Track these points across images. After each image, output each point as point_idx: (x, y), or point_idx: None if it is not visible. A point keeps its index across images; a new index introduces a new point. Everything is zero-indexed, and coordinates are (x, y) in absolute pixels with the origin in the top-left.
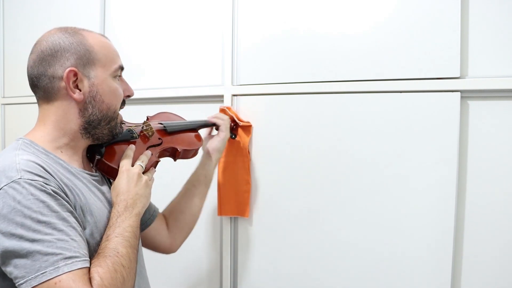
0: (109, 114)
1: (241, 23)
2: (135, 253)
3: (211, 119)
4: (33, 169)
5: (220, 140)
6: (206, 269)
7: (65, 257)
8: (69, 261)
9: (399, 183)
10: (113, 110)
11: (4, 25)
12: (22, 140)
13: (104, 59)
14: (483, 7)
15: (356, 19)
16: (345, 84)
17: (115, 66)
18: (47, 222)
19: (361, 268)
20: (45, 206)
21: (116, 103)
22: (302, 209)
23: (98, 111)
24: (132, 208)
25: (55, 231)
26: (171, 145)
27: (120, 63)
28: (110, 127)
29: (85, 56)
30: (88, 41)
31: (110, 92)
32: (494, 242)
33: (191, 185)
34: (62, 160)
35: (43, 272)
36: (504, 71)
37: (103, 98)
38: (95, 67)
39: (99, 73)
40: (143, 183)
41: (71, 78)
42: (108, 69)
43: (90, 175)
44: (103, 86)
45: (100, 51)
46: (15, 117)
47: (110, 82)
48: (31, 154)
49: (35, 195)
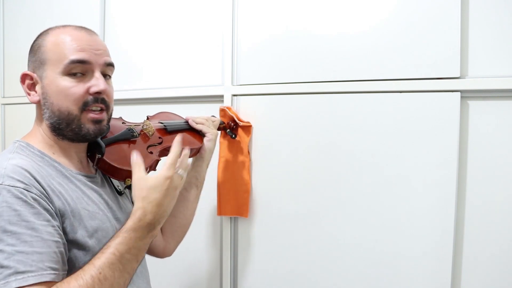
0: (62, 117)
1: (241, 23)
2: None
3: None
4: (18, 174)
5: (209, 140)
6: (206, 269)
7: (17, 271)
8: (19, 276)
9: (399, 183)
10: (66, 112)
11: (4, 25)
12: (19, 142)
13: (54, 57)
14: (483, 7)
15: (356, 19)
16: (345, 84)
17: (65, 62)
18: (13, 231)
19: (361, 268)
20: (16, 215)
21: (68, 104)
22: (302, 209)
23: (52, 113)
24: (153, 228)
25: (18, 242)
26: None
27: (73, 57)
28: (72, 130)
29: (39, 58)
30: (46, 40)
31: (58, 92)
32: (494, 242)
33: (183, 188)
34: (57, 163)
35: None
36: (504, 71)
37: (52, 99)
38: (46, 67)
39: (48, 74)
40: (175, 197)
41: (27, 81)
42: (58, 67)
43: (87, 177)
44: (51, 86)
45: (51, 49)
46: (15, 117)
47: (58, 81)
48: (24, 157)
49: (8, 203)
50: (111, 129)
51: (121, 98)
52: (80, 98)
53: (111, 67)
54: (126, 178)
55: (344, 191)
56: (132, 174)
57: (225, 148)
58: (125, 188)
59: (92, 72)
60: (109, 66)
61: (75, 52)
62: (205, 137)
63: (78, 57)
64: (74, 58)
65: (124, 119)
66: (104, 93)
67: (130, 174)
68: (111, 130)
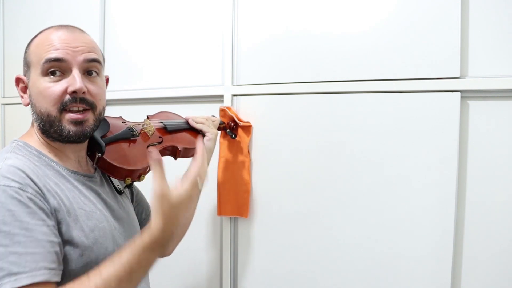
0: (43, 118)
1: (241, 23)
2: None
3: (195, 126)
4: (13, 174)
5: (209, 140)
6: (206, 269)
7: (11, 273)
8: (13, 277)
9: (399, 183)
10: (46, 114)
11: (4, 25)
12: (17, 142)
13: (35, 59)
14: (483, 7)
15: (356, 19)
16: (345, 84)
17: (41, 62)
18: (6, 232)
19: (361, 268)
20: (10, 215)
21: (46, 106)
22: (302, 209)
23: (36, 115)
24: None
25: (11, 242)
26: (171, 144)
27: (47, 56)
28: (55, 131)
29: (26, 61)
30: (31, 44)
31: (38, 93)
32: (494, 242)
33: None
34: (54, 162)
35: None
36: (504, 71)
37: (34, 101)
38: (30, 70)
39: (31, 76)
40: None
41: (20, 84)
42: (37, 68)
43: (84, 177)
44: (33, 88)
45: (33, 51)
46: (15, 117)
47: (38, 83)
48: (21, 157)
49: (3, 203)
50: (111, 129)
51: (121, 98)
52: (58, 98)
53: (95, 63)
54: (126, 177)
55: (344, 191)
56: (155, 184)
57: (225, 148)
58: (125, 187)
59: (71, 71)
60: (93, 63)
61: (51, 51)
62: (205, 137)
63: (51, 56)
64: (48, 57)
65: (124, 118)
66: (80, 92)
67: (130, 173)
68: (111, 130)
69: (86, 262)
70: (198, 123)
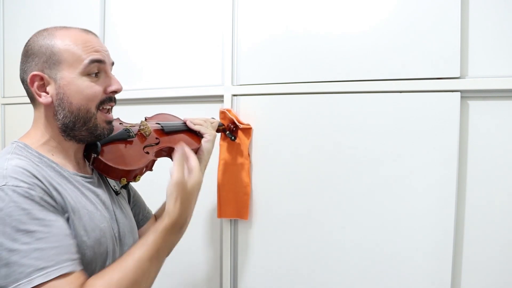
0: (80, 115)
1: (241, 23)
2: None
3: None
4: (20, 175)
5: (207, 141)
6: (206, 271)
7: (38, 268)
8: (41, 272)
9: (399, 183)
10: (85, 111)
11: (4, 25)
12: (17, 143)
13: (70, 58)
14: (483, 7)
15: (356, 19)
16: (345, 84)
17: (85, 63)
18: (25, 230)
19: (361, 268)
20: (26, 214)
21: (88, 103)
22: (302, 211)
23: (68, 113)
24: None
25: (32, 240)
26: (168, 145)
27: (92, 57)
28: (88, 128)
29: (51, 59)
30: (55, 42)
31: (78, 92)
32: (494, 242)
33: None
34: (55, 164)
35: (18, 284)
36: (504, 71)
37: (71, 99)
38: (61, 68)
39: (65, 74)
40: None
41: (37, 82)
42: (76, 68)
43: (83, 178)
44: (70, 87)
45: (66, 50)
46: (15, 117)
47: (78, 81)
48: (23, 158)
49: (16, 202)
50: None
51: (121, 98)
52: (99, 97)
53: (113, 66)
54: (122, 178)
55: (343, 192)
56: (174, 170)
57: (225, 150)
58: (121, 188)
59: (105, 72)
60: (113, 66)
61: (92, 52)
62: (203, 138)
63: (97, 57)
64: (93, 58)
65: (121, 119)
66: (120, 91)
67: (125, 173)
68: None
69: (87, 261)
70: (196, 125)
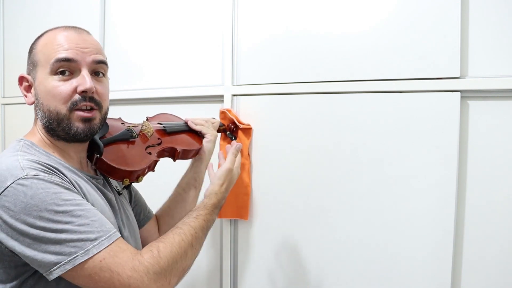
0: (52, 116)
1: (241, 23)
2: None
3: (194, 128)
4: (37, 167)
5: (208, 141)
6: (206, 272)
7: (90, 239)
8: (94, 242)
9: (399, 183)
10: (55, 112)
11: (4, 25)
12: (24, 141)
13: (43, 58)
14: (483, 7)
15: (356, 19)
16: (345, 84)
17: (51, 62)
18: (63, 211)
19: (361, 268)
20: (58, 197)
21: (55, 104)
22: (302, 211)
23: (43, 113)
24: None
25: (73, 218)
26: (170, 145)
27: (58, 56)
28: (62, 129)
29: (31, 60)
30: (37, 43)
31: (46, 92)
32: (494, 242)
33: (181, 189)
34: (62, 161)
35: (74, 256)
36: (504, 71)
37: (42, 100)
38: (37, 69)
39: (38, 75)
40: None
41: (23, 83)
42: (46, 67)
43: (91, 177)
44: (41, 87)
45: (41, 50)
46: (15, 117)
47: (47, 82)
48: (32, 155)
49: (45, 188)
50: (110, 130)
51: (121, 98)
52: (68, 97)
53: (103, 64)
54: (124, 178)
55: (343, 192)
56: (228, 159)
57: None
58: (123, 188)
59: (80, 71)
60: (100, 64)
61: (61, 51)
62: (205, 138)
63: (63, 55)
64: (59, 57)
65: (123, 119)
66: (90, 92)
67: (128, 174)
68: (110, 131)
69: None
70: (197, 125)
